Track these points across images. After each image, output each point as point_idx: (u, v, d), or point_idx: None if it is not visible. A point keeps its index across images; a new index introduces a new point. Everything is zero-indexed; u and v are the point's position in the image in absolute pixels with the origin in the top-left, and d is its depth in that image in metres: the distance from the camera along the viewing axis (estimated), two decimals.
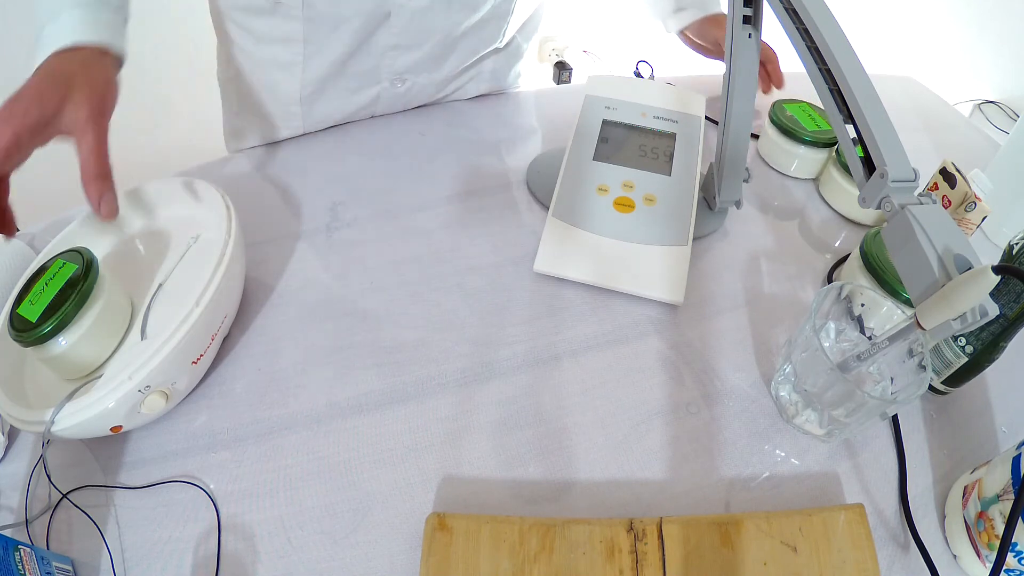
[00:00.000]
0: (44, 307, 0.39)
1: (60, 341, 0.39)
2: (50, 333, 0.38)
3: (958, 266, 0.31)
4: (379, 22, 0.59)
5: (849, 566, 0.36)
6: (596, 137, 0.58)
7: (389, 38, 0.61)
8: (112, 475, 0.41)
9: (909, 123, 0.82)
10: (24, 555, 0.33)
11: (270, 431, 0.43)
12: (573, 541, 0.37)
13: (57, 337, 0.39)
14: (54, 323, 0.38)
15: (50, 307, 0.39)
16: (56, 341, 0.39)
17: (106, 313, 0.41)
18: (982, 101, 1.44)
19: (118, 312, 0.43)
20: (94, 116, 0.41)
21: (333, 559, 0.38)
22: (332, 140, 0.68)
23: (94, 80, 0.42)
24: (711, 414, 0.46)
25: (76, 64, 0.42)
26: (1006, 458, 0.37)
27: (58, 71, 0.41)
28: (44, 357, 0.39)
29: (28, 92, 0.40)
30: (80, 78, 0.41)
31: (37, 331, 0.38)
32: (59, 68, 0.42)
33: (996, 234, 0.64)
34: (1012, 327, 0.41)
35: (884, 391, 0.42)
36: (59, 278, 0.40)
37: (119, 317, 0.43)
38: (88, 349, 0.40)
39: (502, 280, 0.54)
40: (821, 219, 0.64)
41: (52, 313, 0.38)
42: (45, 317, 0.38)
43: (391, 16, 0.58)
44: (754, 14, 0.48)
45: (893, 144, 0.35)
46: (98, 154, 0.41)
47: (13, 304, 0.40)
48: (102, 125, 0.41)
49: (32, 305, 0.39)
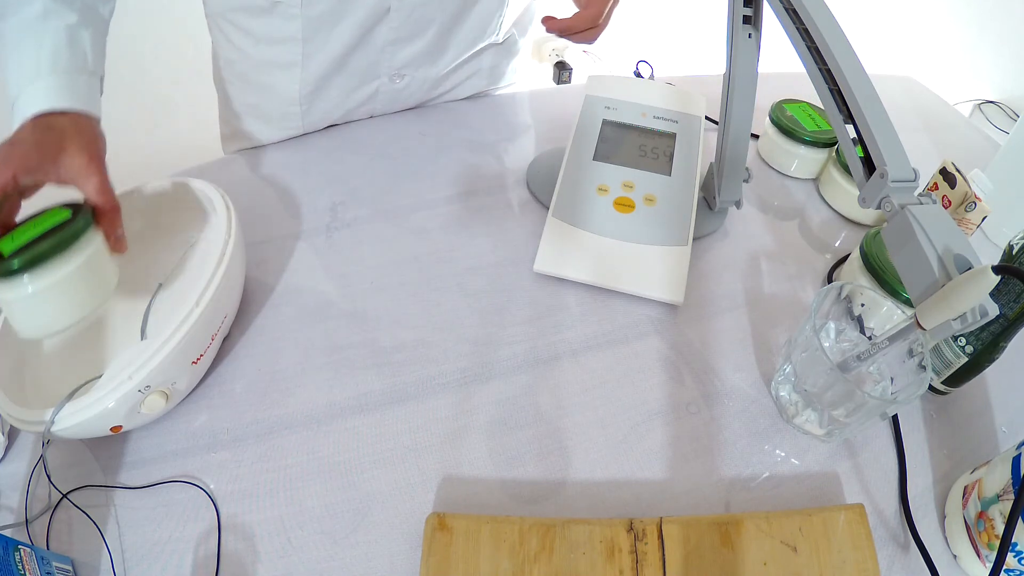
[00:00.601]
0: (21, 244, 0.36)
1: (25, 281, 0.35)
2: (17, 270, 0.35)
3: (958, 266, 0.31)
4: (379, 17, 0.59)
5: (849, 566, 0.36)
6: (596, 137, 0.58)
7: (388, 32, 0.61)
8: (112, 475, 0.41)
9: (909, 123, 0.82)
10: (24, 555, 0.33)
11: (270, 431, 0.43)
12: (573, 541, 0.37)
13: (22, 275, 0.35)
14: (24, 260, 0.35)
15: (27, 246, 0.36)
16: (21, 280, 0.35)
17: (85, 271, 0.38)
18: (982, 101, 1.44)
19: (98, 276, 0.40)
20: (93, 160, 0.42)
21: (333, 559, 0.38)
22: (332, 140, 0.68)
23: (84, 132, 0.43)
24: (711, 414, 0.46)
25: (64, 119, 0.43)
26: (1006, 458, 0.37)
27: (49, 124, 0.42)
28: (6, 299, 0.36)
29: (25, 138, 0.41)
30: (71, 130, 0.43)
31: (3, 265, 0.35)
32: (48, 123, 0.43)
33: (996, 234, 0.64)
34: (1012, 327, 0.41)
35: (884, 391, 0.42)
36: (46, 221, 0.38)
37: (98, 282, 0.40)
38: (54, 304, 0.37)
39: (502, 280, 0.54)
40: (821, 219, 0.64)
41: (25, 251, 0.35)
42: (17, 253, 0.35)
43: (391, 11, 0.58)
44: (754, 14, 0.48)
45: (893, 144, 0.35)
46: (108, 192, 0.42)
47: None
48: (103, 167, 0.43)
49: (11, 241, 0.36)
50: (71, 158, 0.41)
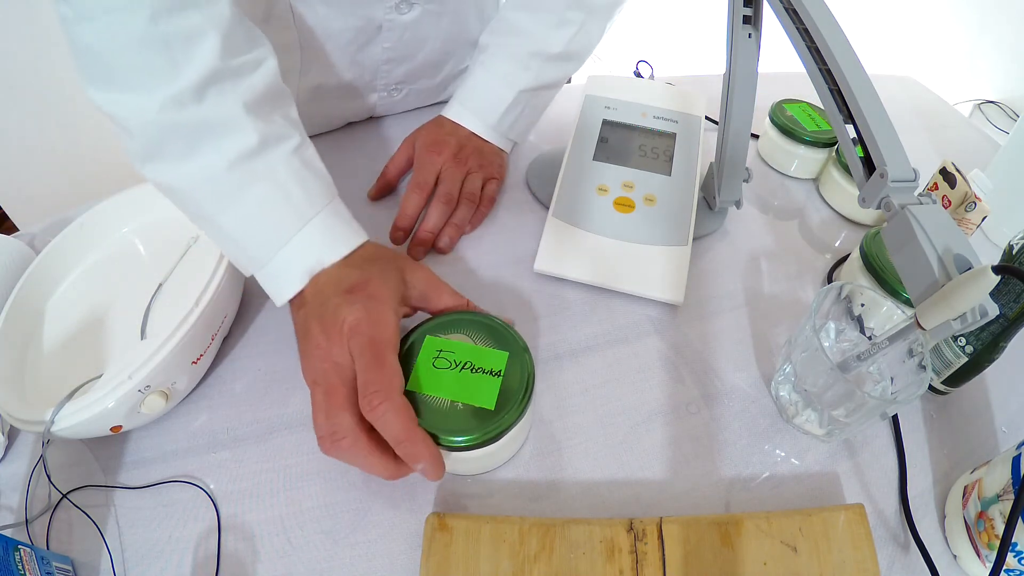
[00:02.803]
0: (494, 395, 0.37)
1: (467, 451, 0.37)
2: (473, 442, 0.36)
3: (958, 266, 0.31)
4: (370, 36, 0.59)
5: (849, 566, 0.36)
6: (596, 137, 0.58)
7: (382, 52, 0.61)
8: (112, 475, 0.41)
9: (909, 123, 0.82)
10: (24, 555, 0.33)
11: (270, 431, 0.43)
12: (573, 541, 0.37)
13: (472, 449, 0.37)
14: (483, 435, 0.36)
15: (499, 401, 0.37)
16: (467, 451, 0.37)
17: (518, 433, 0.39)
18: (982, 101, 1.44)
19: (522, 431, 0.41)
20: (421, 269, 0.44)
21: (333, 559, 0.38)
22: (331, 141, 0.68)
23: (382, 248, 0.45)
24: (711, 414, 0.46)
25: (363, 250, 0.43)
26: (1006, 458, 0.37)
27: (369, 257, 0.43)
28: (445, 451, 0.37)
29: (366, 284, 0.40)
30: (380, 254, 0.44)
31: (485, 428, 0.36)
32: (362, 261, 0.42)
33: (996, 234, 0.64)
34: (1012, 327, 0.41)
35: (884, 391, 0.42)
36: (481, 362, 0.39)
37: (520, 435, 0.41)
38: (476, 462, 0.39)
39: (502, 280, 0.54)
40: (821, 219, 0.64)
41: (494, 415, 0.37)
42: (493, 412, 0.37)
43: (382, 29, 0.58)
44: (754, 14, 0.48)
45: (893, 144, 0.35)
46: (457, 293, 0.45)
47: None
48: (432, 272, 0.45)
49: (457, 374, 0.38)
50: (411, 277, 0.43)
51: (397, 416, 0.35)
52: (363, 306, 0.38)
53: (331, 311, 0.38)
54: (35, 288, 0.46)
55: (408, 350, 0.40)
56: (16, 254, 0.50)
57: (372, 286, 0.39)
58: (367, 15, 0.56)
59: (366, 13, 0.56)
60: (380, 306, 0.38)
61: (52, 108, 1.15)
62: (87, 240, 0.49)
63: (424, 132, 0.60)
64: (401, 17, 0.58)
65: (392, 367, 0.37)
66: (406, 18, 0.58)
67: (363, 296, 0.39)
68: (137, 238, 0.51)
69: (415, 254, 0.55)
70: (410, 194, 0.56)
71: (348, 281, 0.40)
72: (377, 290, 0.39)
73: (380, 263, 0.42)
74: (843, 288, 0.44)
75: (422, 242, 0.55)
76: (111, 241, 0.50)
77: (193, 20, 0.37)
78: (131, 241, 0.50)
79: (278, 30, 0.55)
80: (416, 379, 0.38)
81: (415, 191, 0.56)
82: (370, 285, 0.39)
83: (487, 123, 0.60)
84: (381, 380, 0.36)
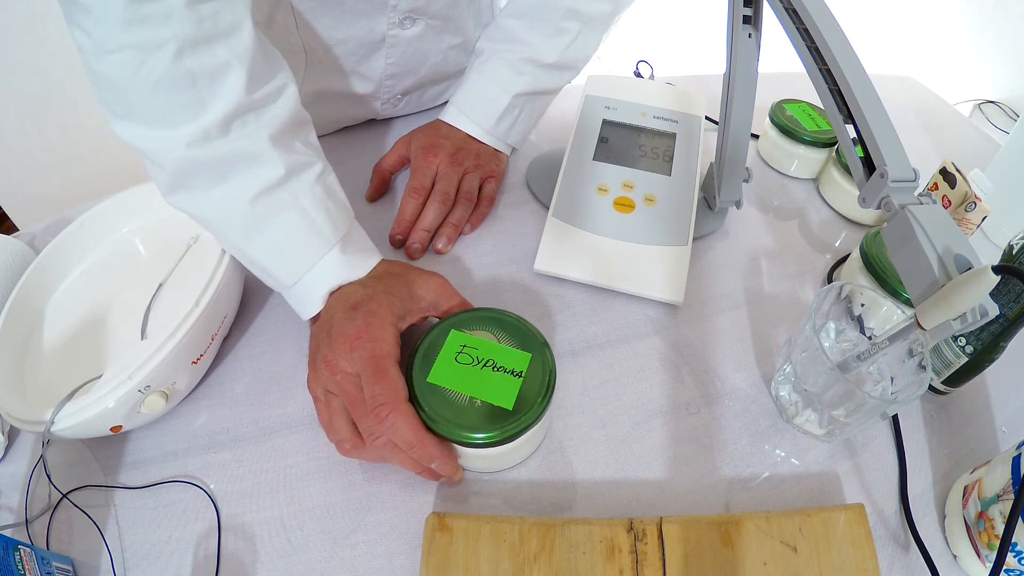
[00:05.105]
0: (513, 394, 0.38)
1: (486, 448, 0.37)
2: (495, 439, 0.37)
3: (958, 266, 0.31)
4: (373, 49, 0.59)
5: (849, 566, 0.36)
6: (596, 137, 0.58)
7: (385, 68, 0.61)
8: (112, 475, 0.41)
9: (909, 123, 0.82)
10: (24, 555, 0.33)
11: (270, 431, 0.43)
12: (573, 541, 0.37)
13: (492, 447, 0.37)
14: (506, 432, 0.37)
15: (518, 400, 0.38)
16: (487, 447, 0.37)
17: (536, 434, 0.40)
18: (982, 101, 1.44)
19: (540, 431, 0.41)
20: (435, 277, 0.45)
21: (333, 559, 0.38)
22: (332, 141, 0.68)
23: (393, 263, 0.46)
24: (711, 414, 0.46)
25: (377, 268, 0.45)
26: (1006, 458, 0.37)
27: (377, 274, 0.45)
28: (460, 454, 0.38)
29: (368, 300, 0.41)
30: (391, 268, 0.45)
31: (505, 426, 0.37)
32: (378, 272, 0.45)
33: (996, 234, 0.64)
34: (1012, 327, 0.41)
35: (884, 391, 0.42)
36: (504, 361, 0.39)
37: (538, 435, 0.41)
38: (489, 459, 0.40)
39: (502, 280, 0.54)
40: (821, 219, 0.64)
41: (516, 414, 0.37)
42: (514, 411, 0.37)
43: (385, 44, 0.58)
44: (754, 14, 0.48)
45: (893, 144, 0.35)
46: (463, 299, 0.46)
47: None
48: (442, 278, 0.46)
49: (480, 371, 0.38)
50: (422, 289, 0.44)
51: (406, 423, 0.36)
52: (363, 320, 0.39)
53: (336, 326, 0.40)
54: (35, 288, 0.46)
55: (431, 343, 0.40)
56: (16, 254, 0.50)
57: (373, 302, 0.41)
58: (369, 27, 0.56)
59: (369, 25, 0.56)
60: (378, 320, 0.40)
61: (52, 108, 1.15)
62: (87, 240, 0.49)
63: (420, 135, 0.60)
64: (404, 32, 0.58)
65: (394, 378, 0.38)
66: (408, 33, 0.58)
67: (364, 311, 0.40)
68: (137, 238, 0.51)
69: (411, 254, 0.55)
70: (408, 198, 0.56)
71: (354, 298, 0.41)
72: (377, 306, 0.40)
73: (387, 280, 0.44)
74: (843, 288, 0.44)
75: (418, 241, 0.55)
76: (111, 241, 0.50)
77: (218, 54, 0.37)
78: (131, 241, 0.50)
79: (280, 35, 0.55)
80: (437, 372, 0.39)
81: (413, 195, 0.56)
82: (372, 301, 0.41)
83: (483, 127, 0.60)
84: (386, 392, 0.37)
